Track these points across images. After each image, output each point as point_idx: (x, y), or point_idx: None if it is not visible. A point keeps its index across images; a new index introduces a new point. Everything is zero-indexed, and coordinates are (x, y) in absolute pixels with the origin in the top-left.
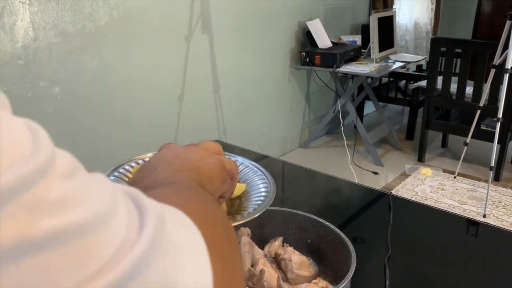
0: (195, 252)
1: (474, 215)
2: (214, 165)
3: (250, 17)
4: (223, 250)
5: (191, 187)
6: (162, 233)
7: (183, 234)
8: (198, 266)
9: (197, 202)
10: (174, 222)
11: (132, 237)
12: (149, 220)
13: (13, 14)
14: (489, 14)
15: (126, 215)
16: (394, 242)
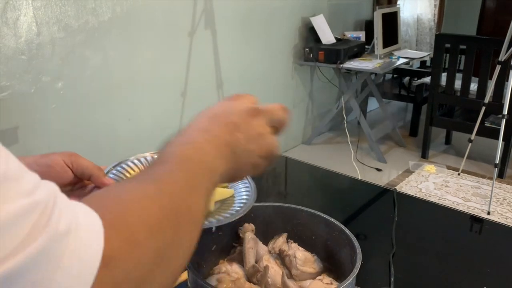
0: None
1: (478, 212)
2: (255, 153)
3: (254, 13)
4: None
5: (182, 167)
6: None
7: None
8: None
9: (157, 194)
10: (78, 231)
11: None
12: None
13: (16, 9)
14: (494, 10)
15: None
16: (399, 238)
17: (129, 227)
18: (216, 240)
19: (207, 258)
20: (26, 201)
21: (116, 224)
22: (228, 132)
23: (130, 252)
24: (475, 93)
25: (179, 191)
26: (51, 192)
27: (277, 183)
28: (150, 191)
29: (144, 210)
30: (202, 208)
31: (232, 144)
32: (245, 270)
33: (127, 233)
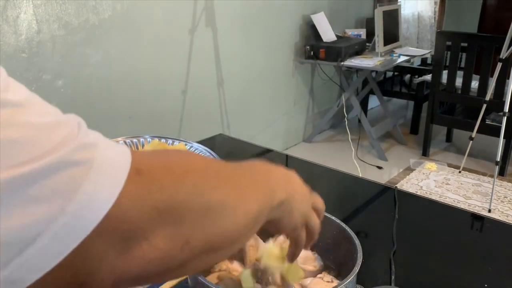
0: (110, 172)
1: (479, 210)
2: (302, 209)
3: (254, 11)
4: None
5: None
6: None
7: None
8: (106, 183)
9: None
10: (107, 146)
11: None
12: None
13: (16, 6)
14: (495, 7)
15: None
16: (399, 236)
17: (162, 158)
18: None
19: None
20: (54, 118)
21: (147, 154)
22: (292, 180)
23: (163, 170)
24: (476, 91)
25: (235, 173)
26: (75, 117)
27: None
28: (200, 156)
29: (185, 157)
30: (256, 207)
31: (293, 189)
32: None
33: (159, 159)
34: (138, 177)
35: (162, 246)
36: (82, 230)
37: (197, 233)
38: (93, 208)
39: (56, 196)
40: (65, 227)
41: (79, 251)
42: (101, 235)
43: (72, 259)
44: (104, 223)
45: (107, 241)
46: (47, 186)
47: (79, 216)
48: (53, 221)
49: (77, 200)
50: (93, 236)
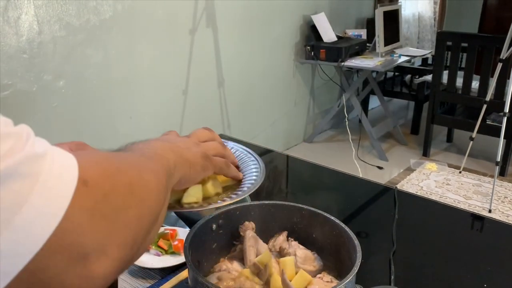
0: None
1: (480, 210)
2: (196, 153)
3: (255, 11)
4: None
5: (144, 157)
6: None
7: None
8: (52, 193)
9: (122, 163)
10: (54, 156)
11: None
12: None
13: (17, 7)
14: (495, 7)
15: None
16: (399, 237)
17: (100, 161)
18: (217, 238)
19: (208, 256)
20: (1, 130)
21: (88, 159)
22: (171, 141)
23: (104, 178)
24: (477, 91)
25: (133, 157)
26: (23, 127)
27: (278, 181)
28: (107, 152)
29: (110, 157)
30: (163, 174)
31: (177, 147)
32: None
33: (99, 166)
34: (85, 188)
35: (117, 255)
36: (30, 245)
37: (140, 225)
38: (42, 222)
39: (1, 210)
40: (10, 244)
41: (30, 271)
42: (56, 251)
43: (25, 281)
44: (57, 237)
45: (65, 258)
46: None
47: (26, 231)
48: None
49: (23, 214)
50: (46, 253)
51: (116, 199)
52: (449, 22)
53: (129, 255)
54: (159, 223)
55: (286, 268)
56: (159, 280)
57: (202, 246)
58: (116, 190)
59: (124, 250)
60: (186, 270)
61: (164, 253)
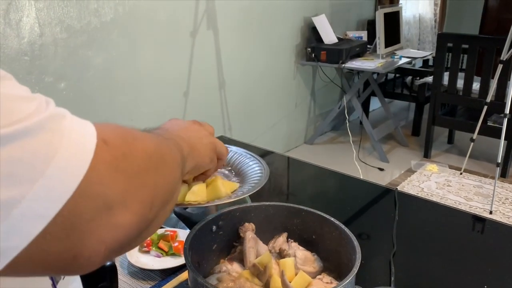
0: (78, 143)
1: (481, 211)
2: (207, 145)
3: (256, 13)
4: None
5: (161, 137)
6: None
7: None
8: (75, 151)
9: (142, 136)
10: (73, 118)
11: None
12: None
13: (19, 10)
14: (496, 9)
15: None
16: (400, 238)
17: (118, 130)
18: (217, 239)
19: (208, 257)
20: (27, 94)
21: (105, 126)
22: (185, 130)
23: (122, 141)
24: (478, 92)
25: (152, 134)
26: (42, 95)
27: (279, 182)
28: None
29: (127, 128)
30: (177, 153)
31: (190, 139)
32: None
33: (116, 131)
34: (106, 146)
35: (137, 210)
36: (63, 192)
37: (158, 189)
38: (71, 171)
39: (35, 159)
40: (45, 190)
41: (64, 217)
42: (84, 199)
43: (60, 226)
44: (84, 186)
45: (92, 205)
46: (28, 148)
47: (58, 179)
48: (34, 183)
49: (55, 163)
50: (76, 200)
51: (134, 160)
52: (450, 23)
53: (148, 214)
54: (174, 200)
55: (286, 269)
56: (159, 282)
57: (202, 248)
58: (134, 153)
59: (144, 207)
60: (186, 272)
61: (164, 255)
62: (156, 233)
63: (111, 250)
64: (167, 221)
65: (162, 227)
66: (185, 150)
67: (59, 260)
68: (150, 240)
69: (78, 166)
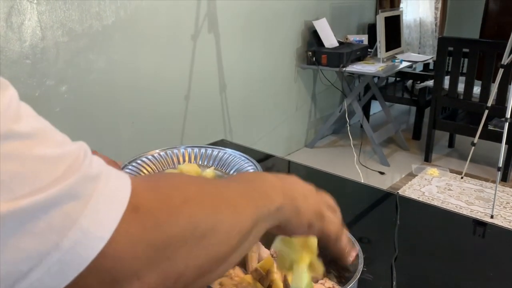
0: (110, 203)
1: (482, 215)
2: (312, 207)
3: (257, 17)
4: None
5: (243, 189)
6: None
7: (109, 188)
8: (105, 214)
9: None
10: (108, 178)
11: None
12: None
13: (21, 13)
14: (497, 13)
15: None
16: (401, 242)
17: (163, 188)
18: None
19: None
20: (60, 150)
21: (149, 184)
22: (292, 182)
23: (162, 206)
24: (478, 96)
25: (226, 188)
26: (81, 145)
27: None
28: (194, 177)
29: (183, 184)
30: (249, 216)
31: (294, 191)
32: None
33: (158, 193)
34: (135, 215)
35: (154, 283)
36: (75, 267)
37: (191, 264)
38: (87, 246)
39: (51, 231)
40: (58, 263)
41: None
42: (94, 273)
43: None
44: (98, 261)
45: (99, 280)
46: (44, 221)
47: (73, 253)
48: (46, 257)
49: (71, 236)
50: (85, 274)
51: (171, 230)
52: (451, 27)
53: (170, 286)
54: (226, 266)
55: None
56: None
57: None
58: (174, 220)
59: (163, 281)
60: None
61: None
62: None
63: None
64: None
65: None
66: (277, 203)
67: None
68: None
69: (97, 239)
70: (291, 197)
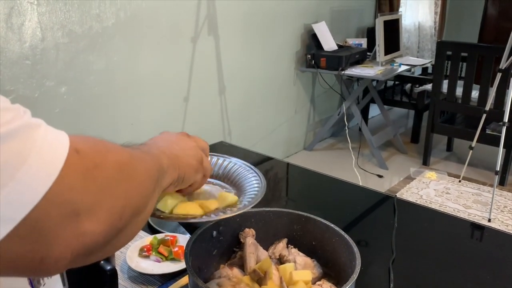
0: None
1: (479, 219)
2: (193, 157)
3: (256, 19)
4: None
5: (137, 151)
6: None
7: (50, 137)
8: (46, 159)
9: (120, 151)
10: (48, 128)
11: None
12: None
13: (21, 14)
14: (495, 17)
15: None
16: (399, 245)
17: (90, 141)
18: (217, 244)
19: (208, 262)
20: (2, 105)
21: (79, 137)
22: (168, 143)
23: (94, 151)
24: (476, 100)
25: (128, 148)
26: (21, 106)
27: (278, 188)
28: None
29: (102, 140)
30: (153, 166)
31: (173, 152)
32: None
33: (89, 142)
34: (77, 155)
35: (106, 219)
36: (31, 196)
37: (127, 200)
38: (40, 177)
39: (6, 164)
40: (14, 193)
41: (32, 220)
42: (53, 205)
43: (27, 229)
44: (53, 192)
45: (60, 212)
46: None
47: (28, 184)
48: (3, 187)
49: (25, 169)
50: (44, 205)
51: (106, 171)
52: (449, 31)
53: (117, 224)
54: (147, 211)
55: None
56: (159, 286)
57: (203, 253)
58: (106, 164)
59: (113, 216)
60: (186, 276)
61: (164, 260)
62: (156, 238)
63: (78, 256)
64: (167, 226)
65: (160, 232)
66: (165, 162)
67: (26, 262)
68: (150, 245)
69: (48, 173)
70: (174, 156)
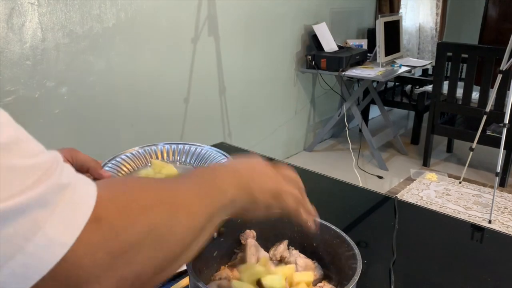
0: (71, 213)
1: (480, 220)
2: (268, 193)
3: (257, 20)
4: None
5: (195, 187)
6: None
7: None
8: (67, 221)
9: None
10: (76, 188)
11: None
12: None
13: (22, 15)
14: (496, 19)
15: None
16: (399, 246)
17: (123, 198)
18: (218, 246)
19: (209, 263)
20: (33, 160)
21: (112, 194)
22: (246, 169)
23: (122, 216)
24: (477, 102)
25: (181, 190)
26: (55, 156)
27: None
28: (151, 183)
29: (142, 192)
30: (203, 215)
31: (247, 178)
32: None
33: (119, 202)
34: (96, 225)
35: (111, 286)
36: (38, 270)
37: (147, 265)
38: (50, 251)
39: (18, 236)
40: (22, 266)
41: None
42: (56, 278)
43: None
44: (60, 266)
45: (60, 285)
46: (12, 226)
47: (36, 257)
48: (11, 259)
49: (36, 241)
50: (48, 279)
51: (129, 237)
52: (450, 33)
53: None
54: (181, 262)
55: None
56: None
57: (203, 254)
58: (132, 228)
59: (121, 283)
60: (186, 278)
61: None
62: None
63: None
64: None
65: None
66: (230, 195)
67: None
68: None
69: (59, 246)
70: (245, 187)
